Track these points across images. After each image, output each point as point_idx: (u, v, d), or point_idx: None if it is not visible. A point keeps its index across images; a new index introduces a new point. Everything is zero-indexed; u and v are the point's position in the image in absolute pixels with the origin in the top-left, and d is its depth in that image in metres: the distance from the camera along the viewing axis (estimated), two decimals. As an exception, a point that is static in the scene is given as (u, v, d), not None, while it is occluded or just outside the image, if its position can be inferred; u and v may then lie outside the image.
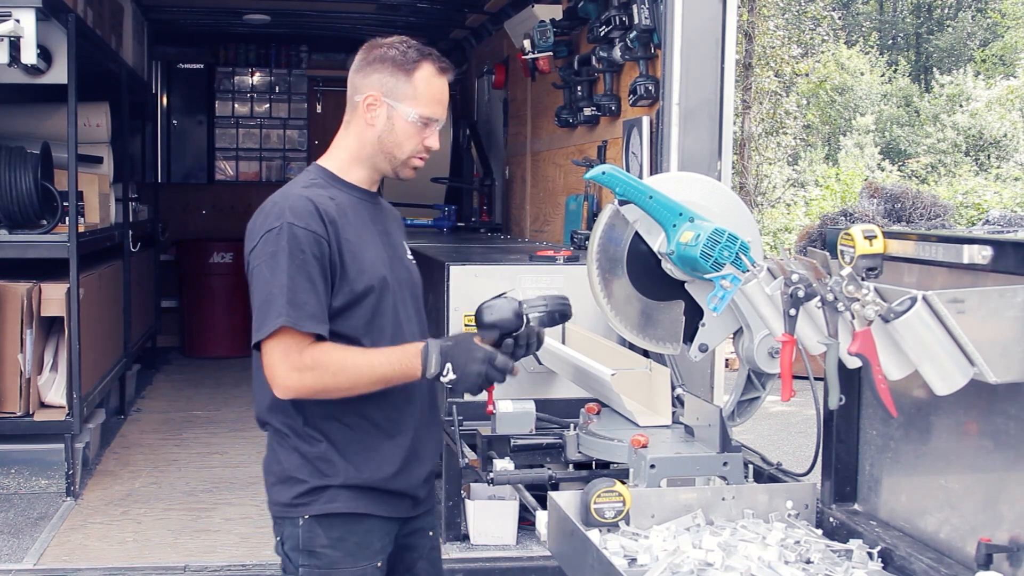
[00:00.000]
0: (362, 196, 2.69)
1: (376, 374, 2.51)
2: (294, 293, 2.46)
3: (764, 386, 3.10)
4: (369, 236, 2.64)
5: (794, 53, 18.37)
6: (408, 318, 2.71)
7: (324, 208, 2.53)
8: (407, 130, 2.62)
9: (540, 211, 7.28)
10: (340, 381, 2.49)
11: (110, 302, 6.88)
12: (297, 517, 2.60)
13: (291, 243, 2.48)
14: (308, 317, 2.46)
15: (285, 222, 2.49)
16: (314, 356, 2.47)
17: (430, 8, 8.75)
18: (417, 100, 2.61)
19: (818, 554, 2.35)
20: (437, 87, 2.64)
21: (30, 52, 4.91)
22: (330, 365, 2.48)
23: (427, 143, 2.64)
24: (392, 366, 2.51)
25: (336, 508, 2.59)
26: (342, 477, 2.59)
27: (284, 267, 2.46)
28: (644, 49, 5.15)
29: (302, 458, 2.59)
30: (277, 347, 2.47)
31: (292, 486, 2.61)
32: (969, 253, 2.13)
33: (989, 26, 32.28)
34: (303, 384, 2.48)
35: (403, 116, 2.61)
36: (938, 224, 4.90)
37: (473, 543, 4.71)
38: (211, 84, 10.75)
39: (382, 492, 2.64)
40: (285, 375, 2.47)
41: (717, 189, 3.04)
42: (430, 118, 2.63)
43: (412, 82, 2.61)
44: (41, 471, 5.66)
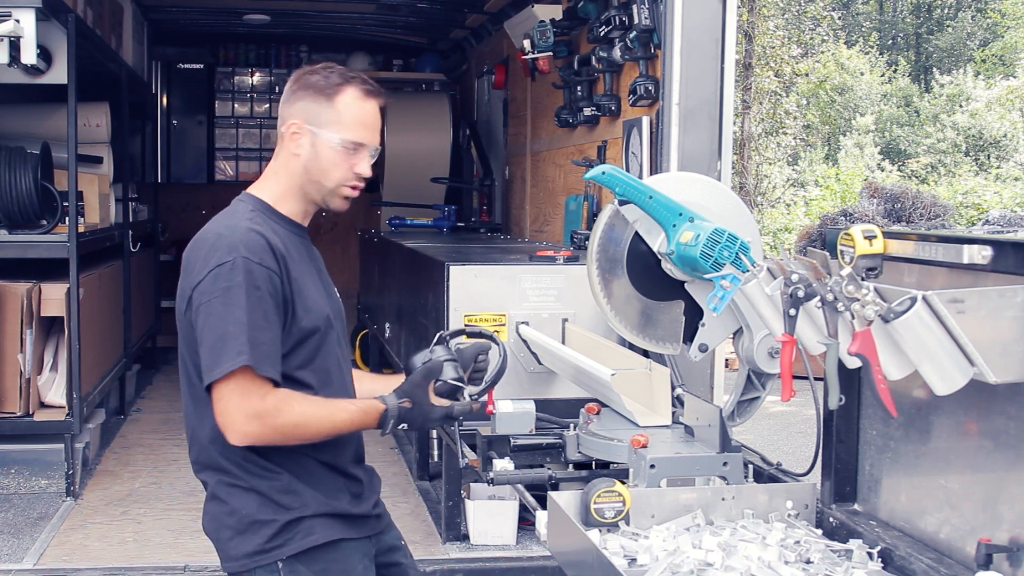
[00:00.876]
0: (296, 231, 2.56)
1: (336, 426, 2.43)
2: (253, 331, 2.31)
3: (764, 386, 3.10)
4: (309, 273, 2.54)
5: (794, 53, 18.38)
6: (344, 355, 2.64)
7: (275, 244, 2.42)
8: (332, 157, 2.49)
9: (540, 211, 7.28)
10: (300, 432, 2.38)
11: (110, 302, 6.88)
12: (273, 562, 2.42)
13: (247, 278, 2.34)
14: (267, 360, 2.33)
15: (240, 256, 2.35)
16: (276, 403, 2.33)
17: (430, 8, 8.75)
18: (340, 125, 2.48)
19: (818, 554, 2.35)
20: (362, 110, 2.50)
21: (30, 52, 4.91)
22: (291, 415, 2.35)
23: (356, 170, 2.50)
24: (352, 422, 2.45)
25: (315, 540, 2.44)
26: (312, 506, 2.45)
27: (241, 304, 2.32)
28: (644, 49, 5.15)
29: (262, 496, 2.43)
30: (235, 390, 2.31)
31: (259, 530, 2.42)
32: (969, 253, 2.13)
33: (989, 26, 32.28)
34: (263, 432, 2.33)
35: (326, 142, 2.48)
36: (938, 224, 4.90)
37: (473, 543, 4.71)
38: (211, 84, 10.75)
39: (350, 516, 2.54)
40: (244, 421, 2.31)
41: (717, 189, 3.04)
42: (355, 142, 2.49)
43: (334, 107, 2.48)
44: (41, 471, 5.66)
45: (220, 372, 2.30)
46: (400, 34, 10.04)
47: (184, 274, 2.45)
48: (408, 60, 10.70)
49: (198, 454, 2.52)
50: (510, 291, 4.46)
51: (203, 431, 2.46)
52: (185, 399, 2.51)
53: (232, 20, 9.61)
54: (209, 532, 2.54)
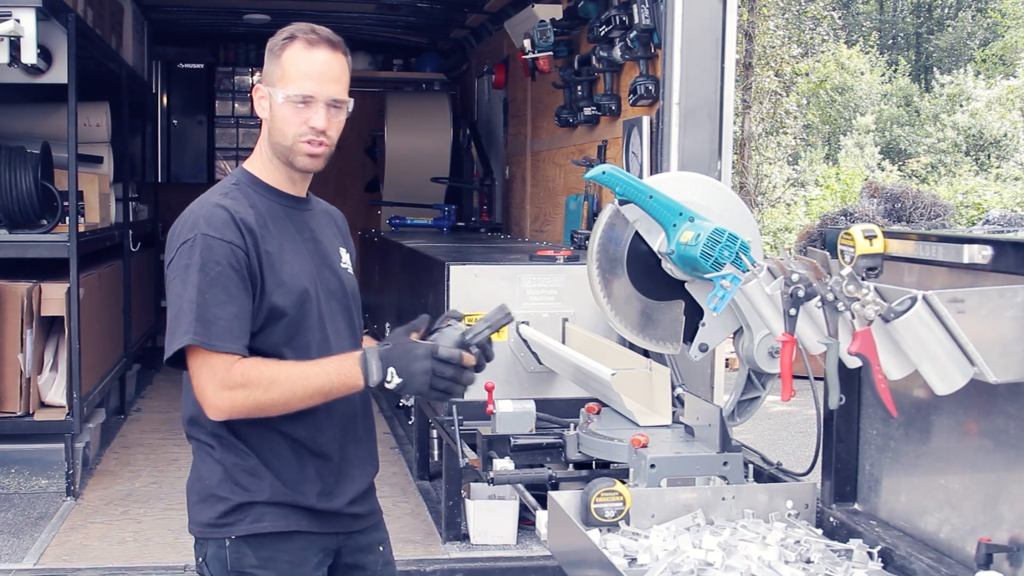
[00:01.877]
0: (285, 202, 2.54)
1: (312, 386, 2.34)
2: (204, 309, 2.31)
3: (764, 386, 3.10)
4: (291, 246, 2.49)
5: (794, 53, 18.37)
6: (337, 331, 2.56)
7: (241, 217, 2.39)
8: (283, 114, 2.44)
9: (540, 211, 7.28)
10: (274, 396, 2.33)
11: (110, 302, 6.88)
12: (223, 538, 2.45)
13: (204, 255, 2.34)
14: (224, 335, 2.31)
15: (199, 233, 2.35)
16: (244, 372, 2.31)
17: (430, 8, 8.75)
18: (285, 79, 2.44)
19: (818, 554, 2.35)
20: (306, 61, 2.44)
21: (30, 52, 4.91)
22: (260, 380, 2.32)
23: (311, 124, 2.43)
24: (329, 376, 2.34)
25: (263, 528, 2.44)
26: (267, 493, 2.44)
27: (195, 281, 2.32)
28: (644, 49, 5.15)
29: (225, 473, 2.45)
30: (202, 367, 2.32)
31: (214, 504, 2.46)
32: (969, 253, 2.13)
33: (989, 26, 32.28)
34: (235, 403, 2.32)
35: (277, 100, 2.45)
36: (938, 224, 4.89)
37: (473, 543, 4.71)
38: (211, 84, 10.75)
39: (312, 510, 2.49)
40: (215, 395, 2.32)
41: (717, 189, 3.04)
42: (301, 95, 2.43)
43: (280, 63, 2.45)
44: (41, 471, 5.66)
45: (170, 351, 2.33)
46: (400, 34, 10.04)
47: (166, 251, 2.47)
48: (408, 60, 10.70)
49: (183, 420, 2.55)
50: (510, 291, 4.46)
51: (188, 401, 2.48)
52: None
53: (232, 20, 9.61)
54: (186, 491, 2.59)
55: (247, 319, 2.37)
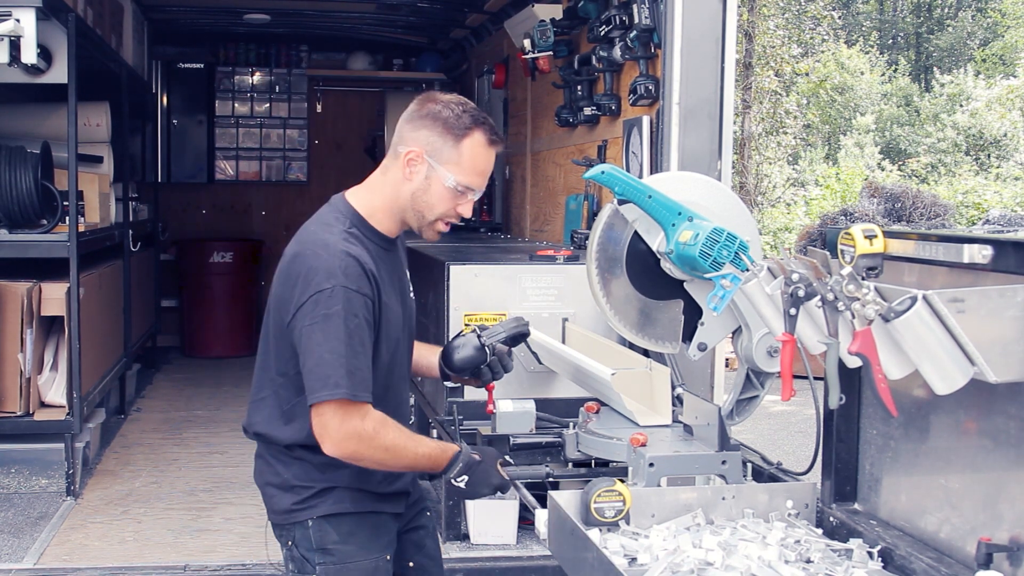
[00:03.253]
0: (385, 245, 2.69)
1: (417, 463, 2.62)
2: (351, 359, 2.47)
3: (763, 385, 3.10)
4: (394, 292, 2.69)
5: (794, 52, 18.37)
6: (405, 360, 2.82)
7: (370, 268, 2.55)
8: (442, 194, 2.59)
9: (540, 210, 7.28)
10: (387, 457, 2.55)
11: (110, 302, 6.88)
12: (306, 520, 2.66)
13: (346, 307, 2.48)
14: (362, 384, 2.49)
15: (339, 285, 2.48)
16: (375, 426, 2.52)
17: (430, 8, 8.75)
18: (460, 167, 2.58)
19: (818, 553, 2.35)
20: (483, 158, 2.61)
21: (30, 52, 4.91)
22: (385, 440, 2.53)
23: (460, 210, 2.63)
24: (430, 459, 2.63)
25: (344, 508, 2.67)
26: (347, 480, 2.66)
27: (340, 334, 2.47)
28: (644, 49, 5.15)
29: (307, 465, 2.65)
30: (336, 413, 2.49)
31: (297, 492, 2.67)
32: (969, 253, 2.13)
33: (989, 26, 32.27)
34: (358, 450, 2.52)
35: (442, 179, 2.58)
36: (938, 223, 4.89)
37: (473, 542, 4.71)
38: (211, 84, 10.74)
39: (383, 494, 2.74)
40: (343, 439, 2.50)
41: (717, 189, 3.04)
42: (469, 187, 2.61)
43: (459, 148, 2.58)
44: (41, 470, 5.66)
45: (319, 399, 2.48)
46: (400, 33, 10.03)
47: (283, 282, 2.59)
48: (408, 59, 10.69)
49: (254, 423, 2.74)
50: (510, 290, 4.46)
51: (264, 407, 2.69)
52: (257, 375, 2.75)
53: (232, 19, 9.60)
54: (257, 483, 2.79)
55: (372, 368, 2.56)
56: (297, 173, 10.85)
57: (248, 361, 9.45)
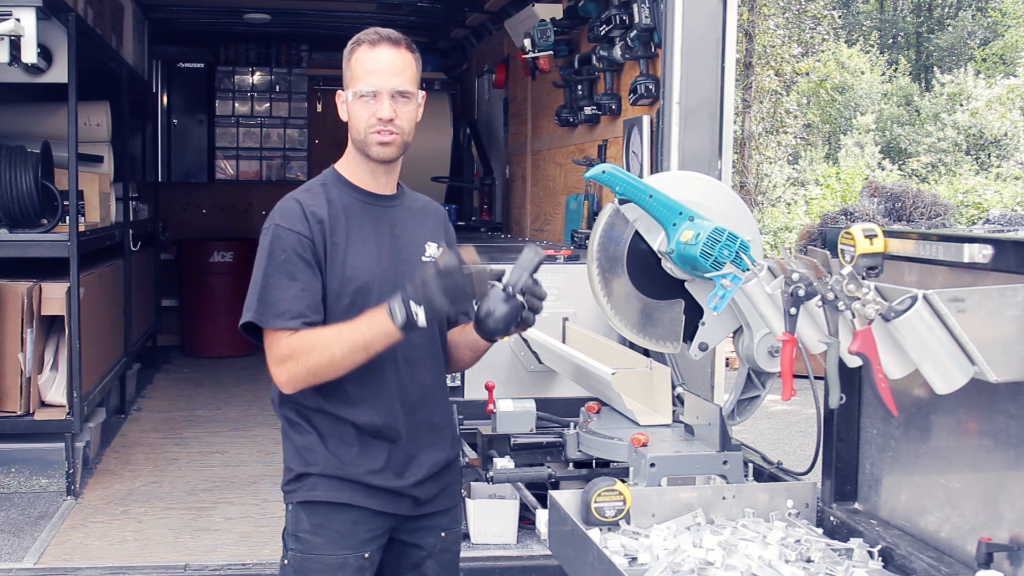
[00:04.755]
0: (365, 199, 2.73)
1: (347, 342, 2.52)
2: (266, 291, 2.58)
3: (764, 385, 3.11)
4: (361, 239, 2.67)
5: (794, 52, 18.38)
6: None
7: (312, 210, 2.63)
8: (356, 112, 2.67)
9: (540, 210, 7.28)
10: (317, 359, 2.54)
11: (110, 301, 6.88)
12: (288, 503, 2.72)
13: (274, 243, 2.61)
14: (276, 312, 2.56)
15: (273, 223, 2.64)
16: (288, 344, 2.56)
17: (431, 7, 8.76)
18: (354, 80, 2.67)
19: (818, 553, 2.35)
20: (369, 60, 2.67)
21: (30, 51, 4.91)
22: (303, 347, 2.54)
23: (378, 115, 2.64)
24: (361, 330, 2.53)
25: (317, 496, 2.66)
26: (321, 466, 2.65)
27: (263, 266, 2.61)
28: (644, 48, 5.15)
29: (295, 448, 2.70)
30: (266, 347, 2.61)
31: (287, 474, 2.73)
32: (970, 252, 2.13)
33: (989, 25, 32.26)
34: (289, 374, 2.57)
35: (350, 101, 2.69)
36: (938, 223, 4.88)
37: (473, 542, 4.71)
38: (211, 83, 10.74)
39: (368, 487, 2.66)
40: (273, 371, 2.60)
41: (717, 188, 3.04)
42: (369, 90, 2.64)
43: (350, 66, 2.69)
44: (41, 470, 5.66)
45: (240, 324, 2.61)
46: (400, 33, 10.03)
47: None
48: (408, 59, 10.68)
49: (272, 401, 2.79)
50: (510, 290, 4.45)
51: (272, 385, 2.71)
52: None
53: (232, 19, 9.60)
54: None
55: (311, 297, 2.60)
56: (297, 172, 10.85)
57: (248, 360, 9.50)
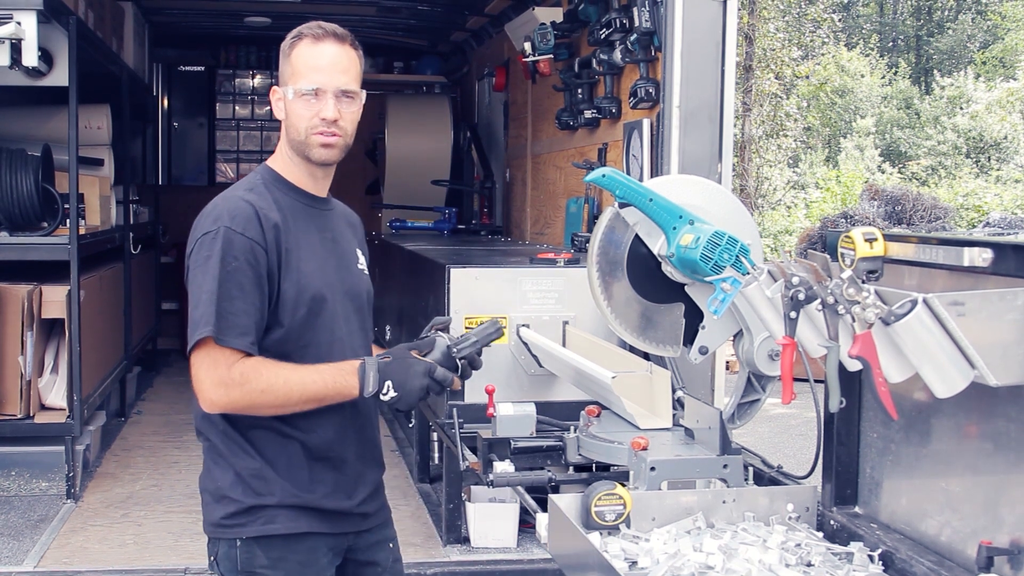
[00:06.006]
0: (306, 201, 2.58)
1: (308, 392, 2.39)
2: (222, 303, 2.36)
3: (764, 389, 3.10)
4: (310, 245, 2.53)
5: (794, 55, 18.39)
6: (350, 332, 2.59)
7: (265, 213, 2.45)
8: (297, 110, 2.50)
9: (540, 213, 7.28)
10: (268, 399, 2.38)
11: (111, 304, 6.88)
12: (234, 538, 2.48)
13: (225, 248, 2.38)
14: (234, 330, 2.36)
15: (222, 226, 2.40)
16: (243, 371, 2.36)
17: (431, 11, 8.76)
18: (295, 76, 2.51)
19: (819, 557, 2.34)
20: (313, 55, 2.52)
21: (31, 54, 4.91)
22: (259, 382, 2.36)
23: (322, 115, 2.49)
24: (326, 384, 2.40)
25: (275, 530, 2.47)
26: (278, 496, 2.47)
27: (215, 273, 2.37)
28: (644, 52, 5.15)
29: (236, 476, 2.48)
30: (205, 359, 2.37)
31: (226, 505, 2.49)
32: (970, 256, 2.13)
33: (989, 28, 32.29)
34: (230, 400, 2.37)
35: (289, 98, 2.52)
36: (939, 227, 4.87)
37: (474, 546, 4.71)
38: (212, 86, 10.75)
39: (324, 511, 2.53)
40: (211, 389, 2.37)
41: (717, 192, 3.03)
42: (312, 89, 2.49)
43: (290, 61, 2.53)
44: (41, 473, 5.66)
45: (191, 342, 2.38)
46: (401, 36, 10.04)
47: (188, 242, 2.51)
48: (409, 62, 10.70)
49: (195, 421, 2.57)
50: (511, 293, 4.46)
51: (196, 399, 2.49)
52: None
53: (233, 22, 9.61)
54: (200, 489, 2.61)
55: (258, 316, 2.41)
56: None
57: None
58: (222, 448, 2.50)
